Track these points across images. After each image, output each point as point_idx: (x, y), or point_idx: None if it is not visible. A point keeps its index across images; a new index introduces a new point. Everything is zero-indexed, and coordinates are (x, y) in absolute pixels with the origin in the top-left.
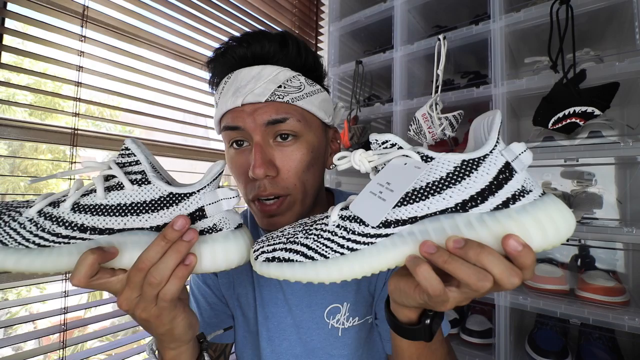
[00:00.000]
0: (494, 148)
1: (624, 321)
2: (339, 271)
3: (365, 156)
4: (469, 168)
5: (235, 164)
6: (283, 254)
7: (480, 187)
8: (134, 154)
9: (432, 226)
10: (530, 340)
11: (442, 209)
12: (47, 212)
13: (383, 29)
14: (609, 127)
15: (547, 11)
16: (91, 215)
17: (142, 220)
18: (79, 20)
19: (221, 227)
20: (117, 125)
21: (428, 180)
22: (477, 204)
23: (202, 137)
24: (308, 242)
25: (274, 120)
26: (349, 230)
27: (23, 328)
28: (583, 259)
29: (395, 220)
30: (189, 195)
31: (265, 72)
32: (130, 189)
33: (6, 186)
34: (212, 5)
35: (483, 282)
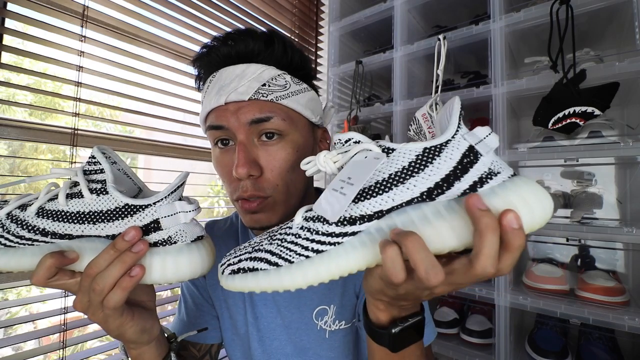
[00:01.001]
0: (456, 133)
1: (624, 321)
2: (303, 276)
3: (329, 157)
4: (432, 155)
5: (220, 164)
6: (247, 263)
7: (444, 173)
8: (99, 163)
9: (400, 219)
10: (530, 340)
11: (408, 200)
12: (15, 215)
13: (383, 29)
14: (609, 127)
15: (547, 11)
16: (52, 221)
17: (98, 228)
18: (79, 20)
19: (176, 239)
20: (117, 125)
21: (390, 172)
22: (444, 191)
23: (202, 137)
24: (272, 247)
25: (258, 119)
26: (313, 230)
27: (23, 328)
28: (583, 259)
29: (361, 216)
30: (145, 208)
31: (249, 70)
32: (89, 197)
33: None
34: (212, 5)
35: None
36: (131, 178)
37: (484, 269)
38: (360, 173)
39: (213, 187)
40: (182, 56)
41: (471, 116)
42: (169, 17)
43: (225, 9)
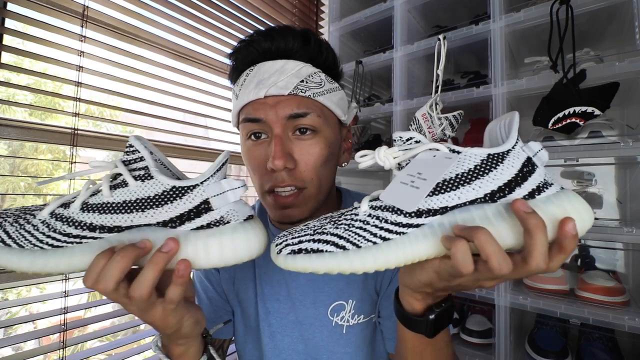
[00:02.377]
0: (516, 144)
1: (624, 321)
2: (374, 260)
3: (390, 152)
4: (495, 161)
5: (252, 156)
6: (311, 245)
7: (507, 179)
8: (137, 151)
9: (462, 217)
10: (530, 340)
11: (472, 199)
12: (59, 213)
13: (383, 29)
14: (609, 127)
15: (547, 11)
16: (99, 214)
17: (147, 216)
18: (79, 20)
19: (229, 219)
20: (117, 125)
21: (457, 172)
22: (505, 195)
23: (202, 137)
24: (339, 231)
25: (296, 114)
26: (382, 219)
27: (23, 328)
28: (583, 259)
29: (427, 210)
30: (192, 188)
31: (289, 66)
32: (134, 185)
33: (6, 186)
34: (212, 5)
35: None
36: (169, 168)
37: (537, 265)
38: (433, 170)
39: None
40: (182, 56)
41: (471, 116)
42: (169, 17)
43: (225, 9)
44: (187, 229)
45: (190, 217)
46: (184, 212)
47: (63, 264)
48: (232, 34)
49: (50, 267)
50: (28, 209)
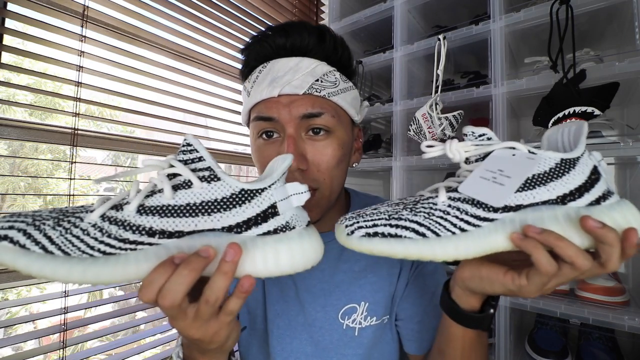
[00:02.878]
0: (584, 152)
1: (624, 321)
2: (455, 249)
3: (461, 146)
4: (568, 166)
5: (262, 155)
6: (388, 229)
7: (578, 184)
8: (196, 150)
9: (533, 215)
10: (530, 340)
11: (545, 200)
12: (112, 216)
13: (383, 29)
14: (609, 127)
15: (547, 11)
16: (159, 217)
17: (213, 220)
18: (79, 20)
19: (294, 224)
20: (118, 125)
21: (534, 172)
22: (575, 199)
23: (202, 137)
24: (418, 219)
25: (310, 114)
26: (462, 210)
27: (23, 328)
28: None
29: (504, 206)
30: (261, 191)
31: (304, 64)
32: (199, 186)
33: (6, 186)
34: (212, 5)
35: (584, 261)
36: None
37: (615, 268)
38: (517, 168)
39: None
40: (182, 56)
41: (471, 116)
42: (169, 17)
43: (225, 9)
44: (254, 234)
45: (257, 222)
46: (251, 217)
47: (118, 274)
48: (232, 34)
49: (104, 278)
50: (67, 211)
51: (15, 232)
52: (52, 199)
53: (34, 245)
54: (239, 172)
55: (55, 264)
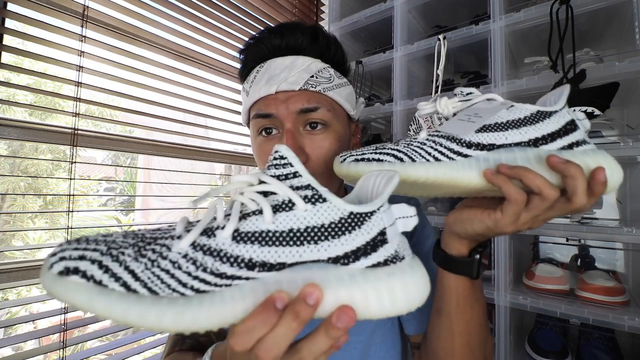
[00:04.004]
0: (563, 108)
1: (624, 321)
2: (426, 171)
3: (450, 102)
4: (543, 116)
5: (263, 151)
6: (372, 155)
7: (551, 130)
8: (290, 164)
9: (506, 156)
10: (530, 340)
11: (517, 142)
12: (204, 245)
13: (383, 29)
14: (609, 127)
15: (547, 11)
16: (260, 246)
17: (320, 250)
18: (79, 20)
19: (402, 254)
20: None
21: (509, 118)
22: (547, 142)
23: (202, 137)
24: (398, 147)
25: (306, 109)
26: (437, 143)
27: (23, 328)
28: (583, 258)
29: (477, 143)
30: (370, 215)
31: (299, 62)
32: (303, 208)
33: (6, 186)
34: (212, 5)
35: (550, 190)
36: None
37: (581, 202)
38: (487, 112)
39: (213, 187)
40: (182, 56)
41: None
42: (169, 17)
43: (225, 9)
44: (362, 266)
45: (366, 252)
46: (360, 246)
47: (216, 317)
48: (232, 34)
49: (201, 322)
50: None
51: (88, 263)
52: (52, 199)
53: (114, 282)
54: (239, 172)
55: (142, 306)
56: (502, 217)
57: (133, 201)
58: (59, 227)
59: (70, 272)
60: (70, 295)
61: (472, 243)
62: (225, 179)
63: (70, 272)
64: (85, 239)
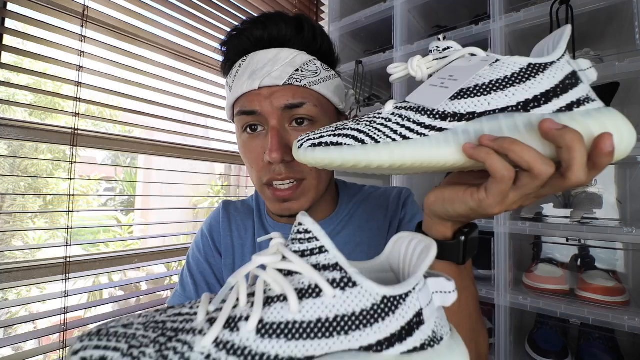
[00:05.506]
0: (562, 57)
1: (624, 321)
2: (390, 154)
3: (423, 62)
4: (535, 70)
5: (249, 149)
6: (331, 138)
7: (545, 89)
8: (316, 238)
9: (489, 125)
10: (530, 340)
11: (503, 107)
12: (227, 342)
13: (383, 29)
14: None
15: (547, 11)
16: (286, 340)
17: (351, 340)
18: (79, 20)
19: (440, 334)
20: (117, 125)
21: (492, 78)
22: (540, 105)
23: (202, 137)
24: (359, 127)
25: (291, 105)
26: (404, 117)
27: (23, 328)
28: (583, 259)
29: (453, 113)
30: (405, 297)
31: (282, 55)
32: (331, 295)
33: (6, 186)
34: (212, 5)
35: (542, 165)
36: None
37: (577, 178)
38: (465, 72)
39: (213, 187)
40: (182, 56)
41: None
42: (169, 17)
43: (225, 9)
44: (397, 352)
45: (401, 337)
46: (395, 332)
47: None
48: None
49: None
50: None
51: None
52: (51, 199)
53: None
54: (239, 172)
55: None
56: (486, 197)
57: (133, 201)
58: (59, 227)
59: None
60: None
61: (457, 225)
62: (225, 179)
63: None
64: (105, 332)
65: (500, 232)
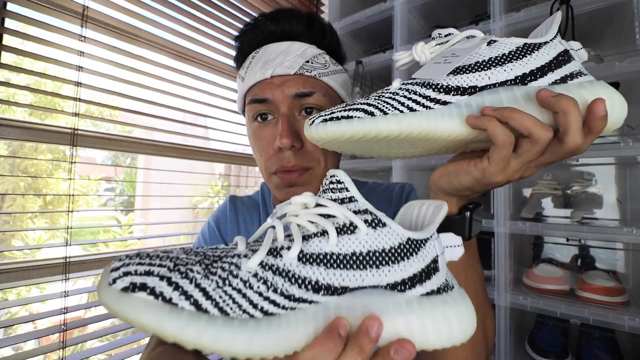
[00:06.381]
0: (554, 38)
1: (624, 321)
2: (398, 124)
3: (427, 47)
4: (531, 48)
5: (259, 137)
6: (342, 113)
7: (540, 64)
8: (347, 189)
9: (490, 98)
10: (530, 340)
11: (502, 81)
12: (272, 265)
13: (383, 29)
14: None
15: (547, 11)
16: (325, 268)
17: (380, 274)
18: (79, 20)
19: (452, 283)
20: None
21: (491, 55)
22: (536, 78)
23: (202, 137)
24: (369, 101)
25: (302, 93)
26: (411, 91)
27: (23, 328)
28: (583, 259)
29: (456, 87)
30: (425, 242)
31: (294, 47)
32: (365, 232)
33: (6, 186)
34: (212, 5)
35: (541, 130)
36: None
37: (575, 142)
38: (465, 50)
39: (213, 187)
40: (182, 56)
41: None
42: (169, 17)
43: (225, 9)
44: (417, 293)
45: (422, 279)
46: (417, 272)
47: (283, 343)
48: (232, 34)
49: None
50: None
51: (157, 279)
52: (51, 199)
53: (184, 300)
54: (239, 172)
55: (215, 329)
56: (489, 165)
57: (133, 201)
58: (59, 227)
59: (137, 288)
60: (137, 314)
61: (462, 200)
62: (225, 179)
63: (137, 288)
64: (146, 254)
65: (500, 232)
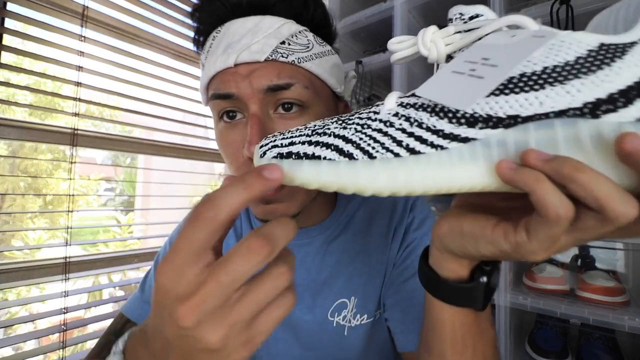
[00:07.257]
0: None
1: (624, 321)
2: (390, 177)
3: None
4: (611, 54)
5: (226, 141)
6: (304, 147)
7: (625, 84)
8: None
9: (537, 135)
10: (530, 340)
11: (562, 109)
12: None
13: (383, 29)
14: None
15: (547, 11)
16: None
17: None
18: (79, 20)
19: None
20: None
21: (546, 64)
22: (617, 108)
23: (202, 137)
24: (345, 133)
25: (276, 86)
26: (414, 121)
27: (23, 328)
28: (583, 259)
29: (486, 117)
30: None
31: (265, 24)
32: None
33: (6, 186)
34: None
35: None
36: None
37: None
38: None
39: (213, 187)
40: (182, 56)
41: None
42: (169, 17)
43: None
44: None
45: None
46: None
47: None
48: None
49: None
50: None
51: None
52: (51, 198)
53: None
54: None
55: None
56: (528, 241)
57: (133, 201)
58: (59, 227)
59: (284, 157)
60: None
61: (474, 262)
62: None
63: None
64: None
65: None
